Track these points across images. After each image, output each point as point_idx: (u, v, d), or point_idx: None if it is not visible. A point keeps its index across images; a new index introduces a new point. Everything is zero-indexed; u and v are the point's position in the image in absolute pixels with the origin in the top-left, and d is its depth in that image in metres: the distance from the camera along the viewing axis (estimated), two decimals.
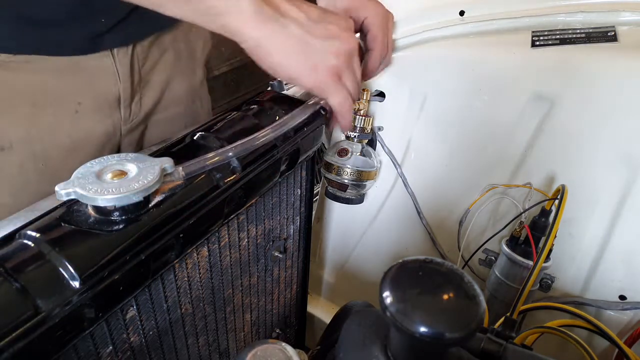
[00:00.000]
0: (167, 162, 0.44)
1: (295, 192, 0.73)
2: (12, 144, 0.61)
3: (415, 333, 0.31)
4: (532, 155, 0.79)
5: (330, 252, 1.06)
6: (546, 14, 0.78)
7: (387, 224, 0.96)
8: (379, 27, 0.71)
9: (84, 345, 0.41)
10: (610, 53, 0.72)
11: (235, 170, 0.52)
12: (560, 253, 0.77)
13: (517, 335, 0.60)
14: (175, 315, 0.53)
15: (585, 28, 0.75)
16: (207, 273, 0.56)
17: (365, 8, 0.70)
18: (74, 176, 0.41)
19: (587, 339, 0.67)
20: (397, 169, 0.91)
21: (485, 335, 0.49)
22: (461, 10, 0.84)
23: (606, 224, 0.75)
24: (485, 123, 0.82)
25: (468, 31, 0.83)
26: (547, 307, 0.66)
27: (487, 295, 0.79)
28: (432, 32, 0.84)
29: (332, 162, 0.85)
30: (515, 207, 0.81)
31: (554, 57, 0.74)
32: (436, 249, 0.92)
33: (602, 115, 0.72)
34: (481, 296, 0.32)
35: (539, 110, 0.76)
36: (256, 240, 0.65)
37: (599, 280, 0.77)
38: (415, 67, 0.83)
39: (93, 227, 0.41)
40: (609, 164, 0.72)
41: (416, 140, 0.89)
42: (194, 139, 0.55)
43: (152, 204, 0.44)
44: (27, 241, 0.39)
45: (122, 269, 0.41)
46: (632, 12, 0.74)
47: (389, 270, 0.34)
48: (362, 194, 0.89)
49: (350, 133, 0.85)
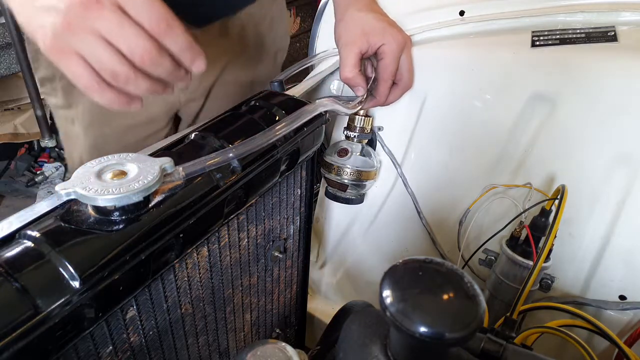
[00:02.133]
0: (167, 162, 0.44)
1: (295, 192, 0.73)
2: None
3: (415, 333, 0.31)
4: (532, 155, 0.79)
5: (330, 252, 1.06)
6: (546, 14, 0.78)
7: (387, 224, 0.96)
8: (393, 57, 0.71)
9: (84, 345, 0.41)
10: (610, 53, 0.72)
11: (235, 170, 0.52)
12: (560, 253, 0.77)
13: (517, 335, 0.60)
14: (175, 315, 0.53)
15: (585, 28, 0.75)
16: (207, 273, 0.56)
17: (383, 34, 0.70)
18: (74, 176, 0.41)
19: (587, 339, 0.67)
20: (397, 169, 0.91)
21: (485, 335, 0.49)
22: (461, 10, 0.84)
23: (606, 224, 0.75)
24: (485, 123, 0.82)
25: (468, 31, 0.83)
26: (547, 307, 0.66)
27: (487, 295, 0.79)
28: (432, 32, 0.84)
29: (332, 162, 0.84)
30: (515, 207, 0.81)
31: (554, 57, 0.74)
32: (436, 249, 0.92)
33: (602, 115, 0.72)
34: (481, 296, 0.32)
35: (539, 110, 0.76)
36: (256, 240, 0.65)
37: (599, 280, 0.77)
38: (415, 67, 0.83)
39: (93, 227, 0.41)
40: (609, 164, 0.72)
41: (416, 140, 0.89)
42: (193, 139, 0.55)
43: (152, 204, 0.44)
44: (27, 241, 0.39)
45: (122, 269, 0.41)
46: (632, 12, 0.74)
47: (389, 270, 0.34)
48: (362, 194, 0.89)
49: (350, 133, 0.85)
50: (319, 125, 0.66)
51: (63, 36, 0.40)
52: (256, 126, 0.58)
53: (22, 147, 2.34)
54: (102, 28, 0.39)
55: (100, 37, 0.40)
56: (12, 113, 2.15)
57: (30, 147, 2.38)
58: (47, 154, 2.36)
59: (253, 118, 0.60)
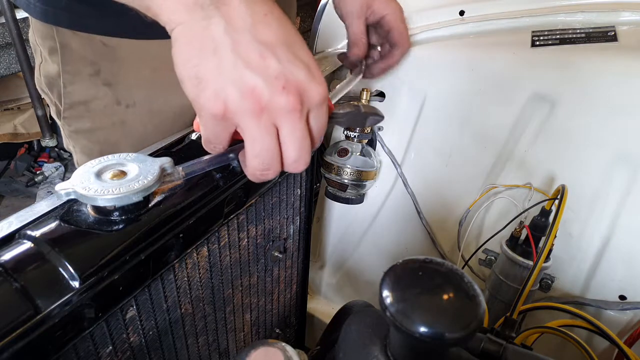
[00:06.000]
0: (167, 162, 0.44)
1: (295, 192, 0.72)
2: (136, 102, 0.71)
3: (415, 333, 0.31)
4: (532, 155, 0.79)
5: (330, 252, 1.06)
6: (546, 14, 0.78)
7: (387, 224, 0.96)
8: (402, 23, 0.73)
9: (83, 345, 0.41)
10: (610, 53, 0.72)
11: (235, 170, 0.52)
12: (560, 253, 0.77)
13: (517, 335, 0.60)
14: (175, 315, 0.53)
15: (585, 28, 0.75)
16: (207, 273, 0.56)
17: (386, 4, 0.72)
18: (74, 176, 0.41)
19: (587, 339, 0.67)
20: (397, 169, 0.91)
21: (485, 335, 0.49)
22: (461, 10, 0.84)
23: (606, 224, 0.75)
24: (485, 123, 0.82)
25: (468, 31, 0.83)
26: (547, 307, 0.66)
27: (487, 295, 0.79)
28: (432, 32, 0.84)
29: (332, 162, 0.84)
30: (515, 207, 0.81)
31: (554, 57, 0.74)
32: (436, 249, 0.92)
33: (602, 115, 0.72)
34: (481, 296, 0.32)
35: (539, 110, 0.76)
36: (256, 240, 0.65)
37: (599, 280, 0.77)
38: (415, 67, 0.83)
39: (93, 227, 0.41)
40: (609, 163, 0.72)
41: (416, 140, 0.89)
42: (194, 139, 0.55)
43: (152, 204, 0.44)
44: (27, 241, 0.39)
45: (121, 269, 0.41)
46: (632, 12, 0.74)
47: (389, 270, 0.34)
48: (362, 194, 0.89)
49: (350, 133, 0.85)
50: None
51: (244, 104, 0.39)
52: None
53: (21, 147, 2.34)
54: (285, 127, 0.40)
55: (275, 131, 0.41)
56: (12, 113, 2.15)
57: (30, 147, 2.38)
58: (47, 154, 2.36)
59: None
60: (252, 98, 0.38)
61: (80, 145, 0.76)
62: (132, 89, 0.70)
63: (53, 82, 0.71)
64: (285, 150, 0.42)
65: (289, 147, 0.41)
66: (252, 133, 0.40)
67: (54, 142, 1.93)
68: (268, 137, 0.40)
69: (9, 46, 1.82)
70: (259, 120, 0.39)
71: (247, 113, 0.39)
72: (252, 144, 0.41)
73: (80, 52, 0.67)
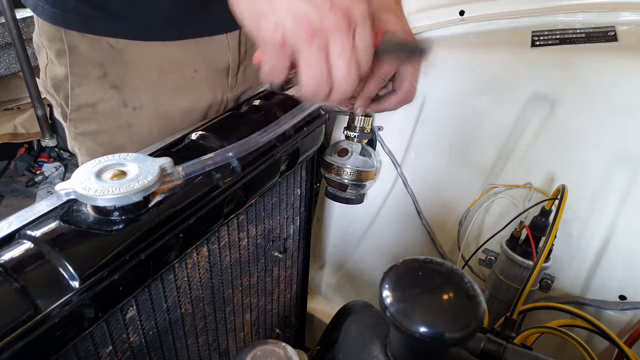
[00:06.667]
0: (167, 162, 0.44)
1: (295, 192, 0.73)
2: (142, 105, 0.72)
3: (415, 333, 0.31)
4: (532, 155, 0.79)
5: (330, 252, 1.06)
6: (546, 14, 0.78)
7: (387, 224, 0.96)
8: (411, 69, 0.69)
9: (83, 345, 0.41)
10: (610, 53, 0.72)
11: (235, 170, 0.52)
12: (560, 253, 0.77)
13: (517, 335, 0.60)
14: (175, 315, 0.53)
15: (585, 28, 0.75)
16: (207, 273, 0.56)
17: None
18: (74, 176, 0.41)
19: (587, 339, 0.67)
20: (397, 169, 0.91)
21: (485, 335, 0.49)
22: (461, 10, 0.84)
23: (606, 224, 0.74)
24: (485, 123, 0.82)
25: (468, 31, 0.83)
26: (547, 307, 0.66)
27: (487, 295, 0.79)
28: (432, 32, 0.84)
29: (332, 162, 0.84)
30: (515, 207, 0.81)
31: (554, 57, 0.74)
32: (436, 249, 0.92)
33: (602, 115, 0.72)
34: (481, 296, 0.32)
35: (539, 110, 0.76)
36: (256, 240, 0.65)
37: (599, 280, 0.77)
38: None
39: (93, 227, 0.41)
40: (609, 163, 0.72)
41: (416, 140, 0.89)
42: (193, 139, 0.55)
43: (152, 204, 0.44)
44: (27, 241, 0.39)
45: (121, 269, 0.41)
46: (632, 12, 0.74)
47: (389, 270, 0.34)
48: (362, 194, 0.89)
49: (350, 133, 0.85)
50: (319, 125, 0.66)
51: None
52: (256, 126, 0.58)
53: (21, 147, 2.34)
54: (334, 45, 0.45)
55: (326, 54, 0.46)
56: (12, 113, 2.15)
57: (29, 147, 2.38)
58: (47, 154, 2.36)
59: (253, 118, 0.60)
60: (305, 24, 0.44)
61: (85, 147, 0.76)
62: (139, 92, 0.71)
63: (59, 84, 0.71)
64: (335, 68, 0.46)
65: (339, 63, 0.46)
66: (307, 56, 0.45)
67: (54, 142, 1.93)
68: (320, 60, 0.45)
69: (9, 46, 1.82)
70: (311, 43, 0.44)
71: (302, 38, 0.44)
72: (306, 67, 0.46)
73: (88, 54, 0.67)
